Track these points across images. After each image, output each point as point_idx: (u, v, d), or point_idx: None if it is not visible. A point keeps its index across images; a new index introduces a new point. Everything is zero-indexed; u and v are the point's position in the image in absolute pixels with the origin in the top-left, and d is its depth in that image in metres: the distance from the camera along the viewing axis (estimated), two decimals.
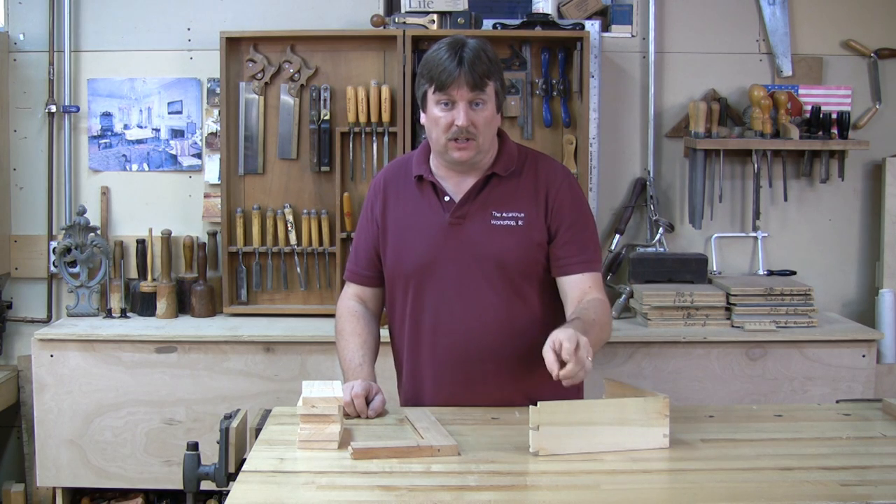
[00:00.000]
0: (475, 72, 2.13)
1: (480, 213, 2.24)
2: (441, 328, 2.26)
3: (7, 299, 3.73)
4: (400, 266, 2.30)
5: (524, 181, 2.27)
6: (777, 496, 1.68)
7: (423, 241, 2.26)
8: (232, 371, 3.27)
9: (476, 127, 2.16)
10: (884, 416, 2.16)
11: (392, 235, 2.31)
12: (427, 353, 2.29)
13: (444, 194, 2.26)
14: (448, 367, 2.26)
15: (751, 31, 3.76)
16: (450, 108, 2.15)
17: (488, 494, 1.68)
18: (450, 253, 2.24)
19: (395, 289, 2.33)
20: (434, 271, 2.25)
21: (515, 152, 2.30)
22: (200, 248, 3.59)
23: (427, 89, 2.18)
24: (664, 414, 1.92)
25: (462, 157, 2.19)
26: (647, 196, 3.71)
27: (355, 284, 2.40)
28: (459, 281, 2.24)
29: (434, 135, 2.20)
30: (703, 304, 3.38)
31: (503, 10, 3.69)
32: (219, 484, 1.99)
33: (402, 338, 2.34)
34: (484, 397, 2.23)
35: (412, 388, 2.34)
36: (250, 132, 3.58)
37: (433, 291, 2.26)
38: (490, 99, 2.18)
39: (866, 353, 3.31)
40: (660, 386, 3.18)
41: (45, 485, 3.35)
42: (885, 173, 3.70)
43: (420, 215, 2.28)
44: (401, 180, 2.33)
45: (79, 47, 3.71)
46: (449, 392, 2.26)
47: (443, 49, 2.16)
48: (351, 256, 2.42)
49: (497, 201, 2.25)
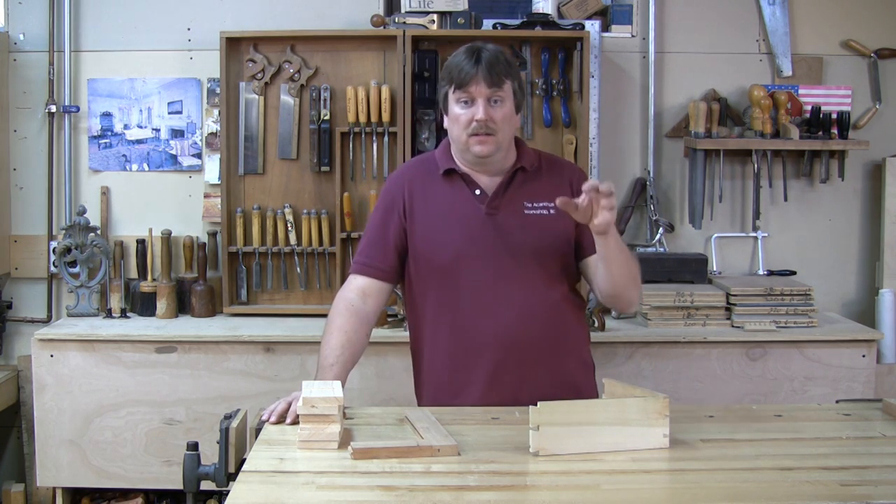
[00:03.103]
0: (493, 70, 2.24)
1: (513, 205, 2.33)
2: (483, 314, 2.29)
3: (7, 299, 3.73)
4: (434, 258, 2.33)
5: (549, 177, 2.38)
6: (777, 496, 1.68)
7: (458, 233, 2.32)
8: (232, 371, 3.27)
9: (495, 122, 2.26)
10: (884, 416, 2.17)
11: (422, 229, 2.34)
12: (472, 339, 2.30)
13: (476, 187, 2.34)
14: (497, 350, 2.29)
15: (751, 31, 3.76)
16: (469, 106, 2.26)
17: (488, 494, 1.68)
18: (486, 243, 2.30)
19: (428, 284, 2.35)
20: (470, 262, 2.30)
21: (533, 153, 2.41)
22: (200, 248, 3.59)
23: (448, 90, 2.30)
24: (664, 414, 1.92)
25: (483, 151, 2.27)
26: (647, 196, 3.71)
27: (362, 277, 2.37)
28: (496, 270, 2.30)
29: (455, 133, 2.30)
30: (703, 304, 3.38)
31: (503, 10, 3.69)
32: (219, 484, 1.99)
33: (439, 332, 2.34)
34: (532, 381, 2.28)
35: (450, 383, 2.33)
36: (250, 132, 3.58)
37: (470, 281, 2.30)
38: (508, 97, 2.28)
39: (866, 353, 3.31)
40: (660, 386, 3.18)
41: (45, 485, 3.35)
42: (885, 173, 3.70)
43: (452, 208, 2.34)
44: (426, 175, 2.39)
45: (79, 47, 3.71)
46: (500, 377, 2.29)
47: (461, 53, 2.30)
48: (361, 250, 2.41)
49: (527, 193, 2.35)
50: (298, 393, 2.04)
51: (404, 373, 3.19)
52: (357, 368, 2.36)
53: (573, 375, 2.36)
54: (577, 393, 2.28)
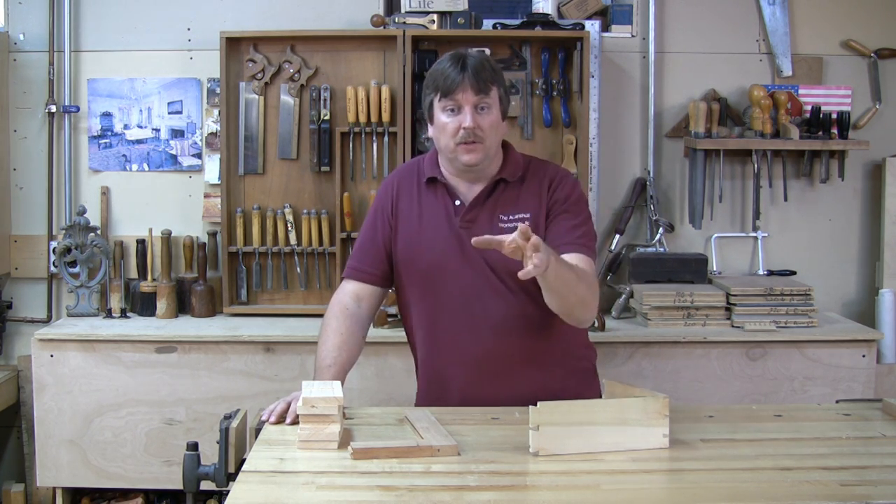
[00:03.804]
0: (479, 77, 2.21)
1: (489, 217, 2.29)
2: (459, 328, 2.29)
3: (7, 299, 3.73)
4: (413, 267, 2.32)
5: (530, 184, 2.33)
6: (777, 496, 1.68)
7: (435, 243, 2.30)
8: (232, 371, 3.27)
9: (483, 129, 2.23)
10: (884, 416, 2.17)
11: (404, 236, 2.34)
12: (448, 353, 2.31)
13: (456, 198, 2.31)
14: (471, 366, 2.28)
15: (751, 31, 3.76)
16: (456, 114, 2.23)
17: (488, 494, 1.68)
18: (461, 255, 2.28)
19: (410, 290, 2.35)
20: (447, 273, 2.29)
21: (521, 160, 2.37)
22: (200, 248, 3.59)
23: (433, 98, 2.25)
24: (664, 414, 1.92)
25: (471, 160, 2.24)
26: (647, 196, 3.71)
27: (355, 282, 2.38)
28: (473, 282, 2.28)
29: (442, 142, 2.27)
30: (703, 304, 3.38)
31: (503, 10, 3.68)
32: (219, 484, 1.99)
33: (421, 339, 2.36)
34: (510, 394, 2.25)
35: (435, 390, 2.35)
36: (250, 132, 3.58)
37: (448, 292, 2.29)
38: (494, 104, 2.25)
39: (866, 353, 3.31)
40: (660, 386, 3.18)
41: (45, 485, 3.35)
42: (885, 173, 3.70)
43: (432, 217, 2.32)
44: (413, 182, 2.38)
45: (79, 47, 3.71)
46: (476, 391, 2.27)
47: (446, 60, 2.26)
48: (354, 255, 2.42)
49: (504, 204, 2.30)
50: (298, 393, 2.05)
51: (404, 373, 3.20)
52: (357, 368, 2.36)
53: (564, 384, 2.30)
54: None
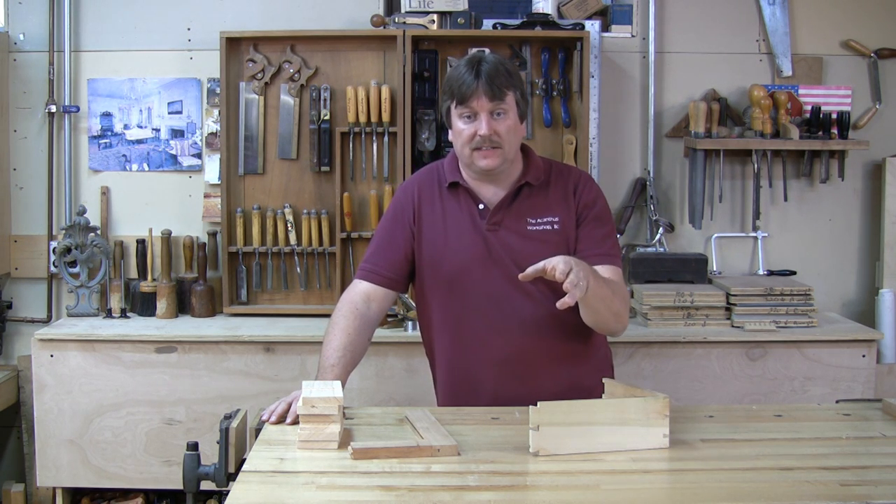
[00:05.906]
0: (493, 83, 2.21)
1: (515, 221, 2.31)
2: (488, 330, 2.30)
3: (7, 299, 3.73)
4: (439, 270, 2.33)
5: (555, 188, 2.35)
6: (777, 496, 1.68)
7: (461, 247, 2.31)
8: (232, 371, 3.27)
9: (499, 135, 2.24)
10: (884, 416, 2.17)
11: (428, 240, 2.35)
12: (477, 354, 2.32)
13: (479, 202, 2.32)
14: (502, 367, 2.30)
15: (751, 31, 3.76)
16: (472, 120, 2.24)
17: (488, 494, 1.68)
18: (488, 257, 2.29)
19: (433, 293, 2.36)
20: (474, 275, 2.30)
21: (542, 164, 2.38)
22: (200, 248, 3.59)
23: (450, 105, 2.27)
24: (664, 414, 1.92)
25: (488, 165, 2.26)
26: (647, 196, 3.71)
27: (368, 283, 2.37)
28: (500, 283, 2.29)
29: (459, 147, 2.29)
30: (703, 304, 3.38)
31: (503, 10, 3.69)
32: (219, 484, 1.99)
33: (447, 341, 2.36)
34: (541, 392, 2.23)
35: (464, 391, 2.35)
36: (250, 132, 3.58)
37: (475, 294, 2.30)
38: (511, 108, 2.26)
39: (866, 353, 3.31)
40: (660, 386, 3.18)
41: (45, 485, 3.35)
42: (885, 173, 3.70)
43: (456, 222, 2.33)
44: (434, 187, 2.38)
45: (79, 47, 3.71)
46: (507, 391, 2.28)
47: (462, 65, 2.26)
48: (369, 256, 2.40)
49: (531, 209, 2.32)
50: (298, 393, 2.05)
51: (404, 373, 3.20)
52: (357, 368, 2.35)
53: (593, 380, 2.27)
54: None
